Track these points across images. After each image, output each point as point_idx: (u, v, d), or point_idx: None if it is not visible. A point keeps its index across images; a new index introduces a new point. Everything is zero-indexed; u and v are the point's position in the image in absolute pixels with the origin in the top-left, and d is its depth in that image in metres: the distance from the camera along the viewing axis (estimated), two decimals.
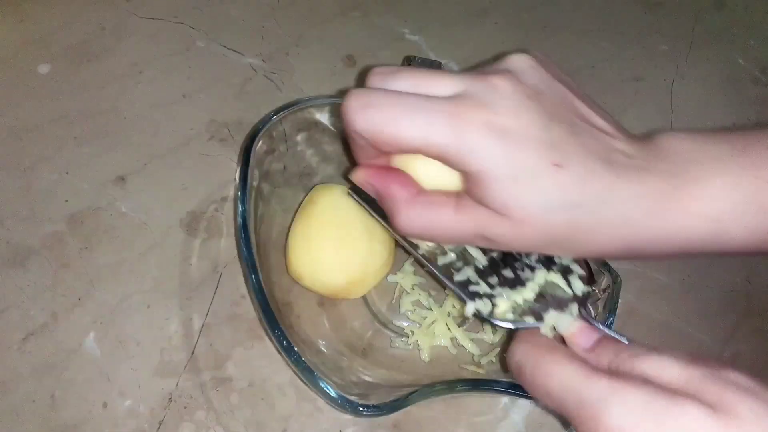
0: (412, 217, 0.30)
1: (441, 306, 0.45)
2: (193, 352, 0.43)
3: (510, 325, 0.30)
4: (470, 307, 0.31)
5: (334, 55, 0.58)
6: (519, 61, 0.29)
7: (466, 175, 0.28)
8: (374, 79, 0.30)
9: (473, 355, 0.43)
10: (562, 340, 0.29)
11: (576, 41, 0.62)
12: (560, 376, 0.25)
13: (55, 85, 0.52)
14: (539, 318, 0.30)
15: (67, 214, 0.47)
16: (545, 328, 0.30)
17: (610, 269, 0.38)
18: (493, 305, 0.30)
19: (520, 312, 0.30)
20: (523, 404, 0.43)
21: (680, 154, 0.28)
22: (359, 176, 0.32)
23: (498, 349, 0.43)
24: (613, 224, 0.27)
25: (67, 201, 0.47)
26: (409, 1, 0.63)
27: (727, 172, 0.27)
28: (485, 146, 0.26)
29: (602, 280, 0.38)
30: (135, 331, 0.43)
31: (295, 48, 0.58)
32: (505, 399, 0.44)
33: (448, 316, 0.44)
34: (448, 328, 0.44)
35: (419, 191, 0.30)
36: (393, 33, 0.60)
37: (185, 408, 0.41)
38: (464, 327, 0.44)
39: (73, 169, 0.49)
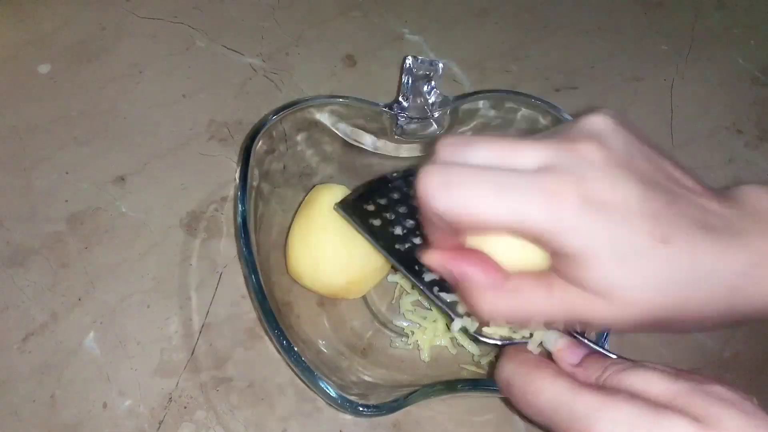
0: (500, 304, 0.27)
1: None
2: (193, 352, 0.43)
3: (497, 342, 0.30)
4: (456, 324, 0.31)
5: (334, 55, 0.58)
6: (601, 124, 0.27)
7: (561, 256, 0.26)
8: (447, 151, 0.27)
9: (473, 355, 0.43)
10: (549, 356, 0.29)
11: (576, 41, 0.62)
12: (549, 393, 0.25)
13: (55, 85, 0.52)
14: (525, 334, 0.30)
15: (67, 214, 0.47)
16: (532, 345, 0.29)
17: None
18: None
19: (506, 328, 0.30)
20: None
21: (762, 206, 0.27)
22: (434, 260, 0.29)
23: (498, 350, 0.43)
24: (723, 296, 0.26)
25: (67, 201, 0.47)
26: (409, 1, 0.63)
27: None
28: (585, 224, 0.24)
29: None
30: (135, 331, 0.43)
31: (295, 48, 0.58)
32: (505, 399, 0.44)
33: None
34: (448, 328, 0.44)
35: (504, 275, 0.27)
36: (393, 33, 0.60)
37: (185, 408, 0.41)
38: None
39: (73, 169, 0.49)
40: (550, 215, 0.24)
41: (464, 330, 0.31)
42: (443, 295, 0.32)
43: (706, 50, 0.63)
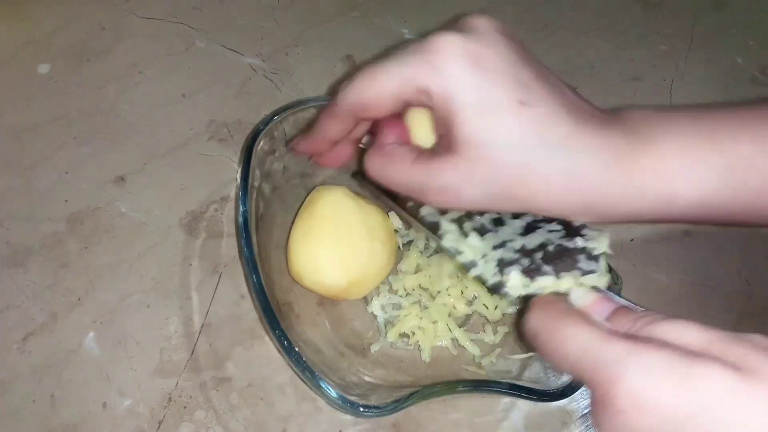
0: (374, 162, 0.32)
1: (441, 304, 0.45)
2: (192, 352, 0.43)
3: (525, 292, 0.30)
4: (474, 271, 0.31)
5: (334, 55, 0.58)
6: (489, 19, 0.31)
7: (437, 111, 0.28)
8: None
9: (474, 355, 0.43)
10: None
11: (576, 41, 0.62)
12: (577, 340, 0.24)
13: (55, 85, 0.52)
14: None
15: (67, 214, 0.47)
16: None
17: (611, 270, 0.38)
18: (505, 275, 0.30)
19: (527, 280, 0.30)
20: (524, 405, 0.43)
21: (640, 119, 0.29)
22: (378, 129, 0.33)
23: (499, 350, 0.43)
24: (570, 175, 0.27)
25: (66, 201, 0.47)
26: (408, 1, 0.63)
27: (681, 134, 0.28)
28: (459, 71, 0.27)
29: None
30: (135, 331, 0.43)
31: (295, 48, 0.58)
32: (505, 400, 0.44)
33: (449, 316, 0.44)
34: (449, 329, 0.44)
35: (396, 142, 0.32)
36: (392, 33, 0.60)
37: (185, 408, 0.41)
38: (465, 327, 0.44)
39: (73, 169, 0.49)
40: (432, 67, 0.28)
41: (483, 282, 0.31)
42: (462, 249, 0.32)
43: (706, 50, 0.63)
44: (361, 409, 0.34)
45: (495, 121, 0.27)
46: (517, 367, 0.41)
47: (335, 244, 0.41)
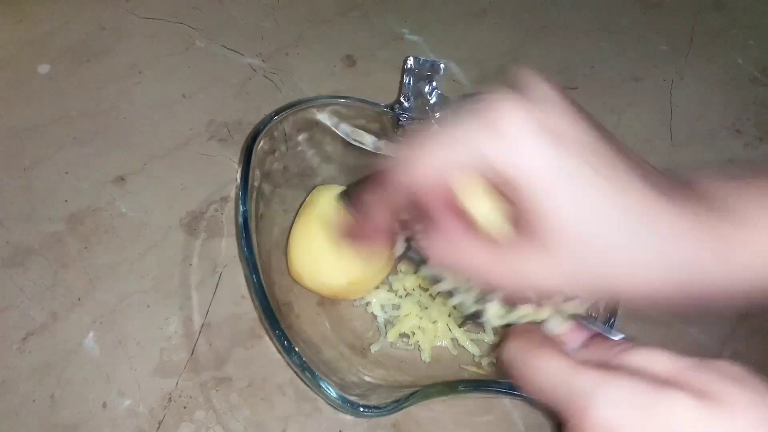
0: (440, 248, 0.28)
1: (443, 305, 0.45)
2: (192, 352, 0.43)
3: (502, 322, 0.30)
4: (455, 300, 0.30)
5: (334, 55, 0.58)
6: (550, 81, 0.26)
7: (513, 191, 0.25)
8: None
9: (474, 355, 0.43)
10: None
11: (576, 41, 0.62)
12: (549, 370, 0.25)
13: (55, 85, 0.52)
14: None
15: (67, 214, 0.47)
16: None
17: None
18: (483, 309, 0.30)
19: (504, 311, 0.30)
20: (524, 405, 0.43)
21: (718, 191, 0.26)
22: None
23: (496, 352, 0.43)
24: (672, 260, 0.25)
25: (67, 201, 0.47)
26: (408, 1, 0.63)
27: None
28: (537, 147, 0.24)
29: None
30: (135, 331, 0.43)
31: (295, 48, 0.58)
32: (505, 400, 0.44)
33: (449, 316, 0.44)
34: (449, 329, 0.44)
35: (461, 226, 0.27)
36: (393, 33, 0.60)
37: (185, 408, 0.41)
38: (465, 328, 0.44)
39: (73, 169, 0.49)
40: (500, 142, 0.24)
41: (464, 310, 0.30)
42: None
43: (706, 50, 0.63)
44: (361, 409, 0.34)
45: (590, 205, 0.24)
46: None
47: (335, 244, 0.41)
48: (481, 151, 0.24)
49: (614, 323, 0.37)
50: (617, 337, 0.27)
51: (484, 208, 0.28)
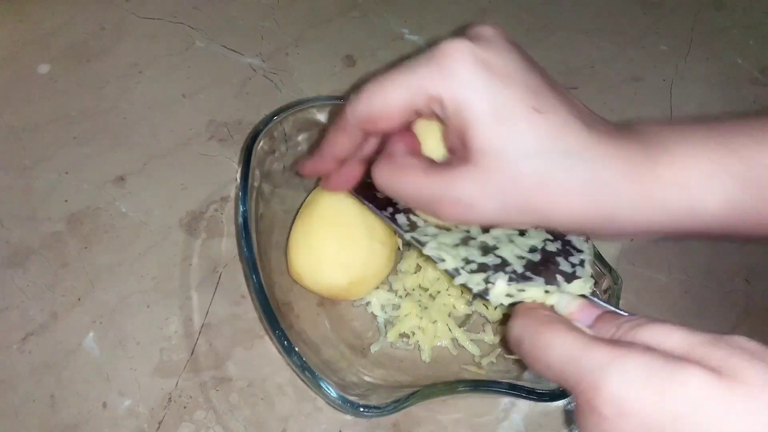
0: (384, 172, 0.31)
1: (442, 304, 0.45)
2: (192, 352, 0.43)
3: (510, 300, 0.30)
4: (459, 280, 0.31)
5: (334, 55, 0.58)
6: (495, 27, 0.30)
7: (450, 120, 0.28)
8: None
9: (474, 355, 0.43)
10: None
11: (576, 41, 0.62)
12: (559, 347, 0.24)
13: (55, 85, 0.52)
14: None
15: (67, 214, 0.47)
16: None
17: (611, 270, 0.38)
18: (490, 283, 0.30)
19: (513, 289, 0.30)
20: (523, 405, 0.43)
21: (654, 131, 0.28)
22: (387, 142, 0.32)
23: (499, 350, 0.43)
24: (589, 185, 0.27)
25: (66, 201, 0.47)
26: (408, 1, 0.63)
27: (697, 144, 0.27)
28: (472, 78, 0.27)
29: (603, 281, 0.38)
30: (135, 331, 0.43)
31: (295, 48, 0.58)
32: (505, 400, 0.44)
33: (449, 316, 0.44)
34: (449, 329, 0.44)
35: (408, 152, 0.31)
36: (392, 33, 0.60)
37: (185, 408, 0.41)
38: (465, 327, 0.44)
39: (73, 169, 0.49)
40: (444, 74, 0.27)
41: (470, 289, 0.30)
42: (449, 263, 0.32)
43: (706, 50, 0.63)
44: (361, 409, 0.34)
45: (511, 129, 0.26)
46: (517, 367, 0.41)
47: (335, 243, 0.41)
48: (425, 84, 0.27)
49: (618, 304, 0.36)
50: (626, 315, 0.27)
51: (429, 136, 0.31)
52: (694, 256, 0.51)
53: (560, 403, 0.43)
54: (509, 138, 0.26)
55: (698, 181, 0.27)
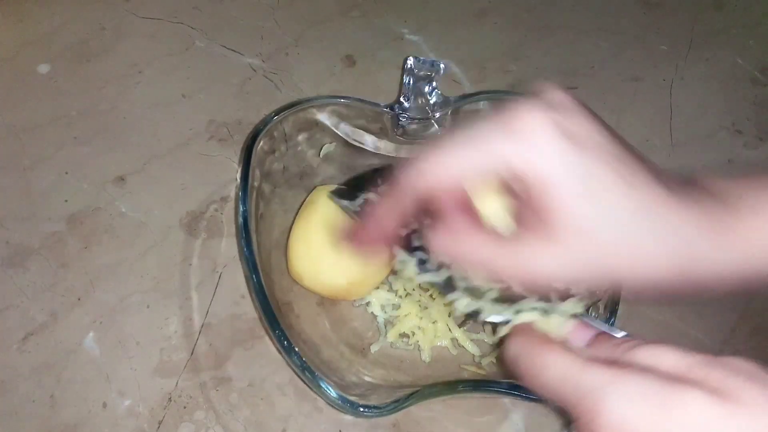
0: (448, 241, 0.28)
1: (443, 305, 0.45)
2: (192, 352, 0.43)
3: (502, 319, 0.30)
4: (460, 304, 0.30)
5: (334, 55, 0.58)
6: (567, 92, 0.27)
7: (530, 189, 0.25)
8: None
9: (474, 355, 0.43)
10: None
11: (575, 41, 0.62)
12: (556, 367, 0.24)
13: (54, 85, 0.52)
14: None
15: (67, 214, 0.47)
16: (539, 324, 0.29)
17: None
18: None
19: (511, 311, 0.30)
20: (524, 405, 0.43)
21: (723, 188, 0.27)
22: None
23: (499, 350, 0.43)
24: (676, 249, 0.26)
25: (66, 201, 0.47)
26: (408, 1, 0.63)
27: None
28: (556, 151, 0.24)
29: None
30: (135, 331, 0.43)
31: (295, 48, 0.58)
32: (505, 400, 0.44)
33: (449, 316, 0.44)
34: (449, 329, 0.44)
35: (469, 221, 0.28)
36: (392, 33, 0.60)
37: (185, 408, 0.41)
38: (465, 328, 0.44)
39: (72, 169, 0.49)
40: (525, 145, 0.25)
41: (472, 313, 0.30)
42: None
43: (706, 50, 0.63)
44: (361, 409, 0.34)
45: (601, 203, 0.25)
46: None
47: (335, 244, 0.41)
48: (501, 153, 0.25)
49: (614, 323, 0.37)
50: (621, 335, 0.27)
51: (492, 207, 0.29)
52: None
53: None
54: (600, 214, 0.25)
55: None
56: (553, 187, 0.25)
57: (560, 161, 0.25)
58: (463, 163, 0.26)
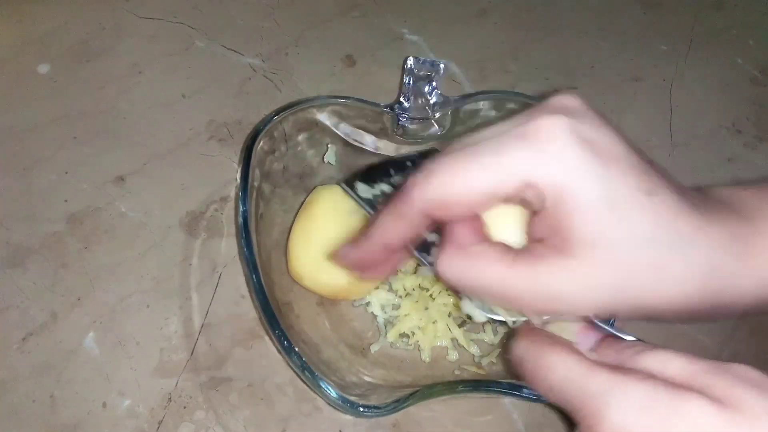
0: (455, 263, 0.26)
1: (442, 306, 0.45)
2: (192, 352, 0.43)
3: (508, 319, 0.30)
4: (465, 305, 0.30)
5: (334, 55, 0.58)
6: (581, 98, 0.26)
7: (541, 207, 0.24)
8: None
9: (474, 355, 0.43)
10: None
11: (576, 41, 0.62)
12: (561, 369, 0.24)
13: (54, 85, 0.52)
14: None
15: (67, 214, 0.47)
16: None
17: None
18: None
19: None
20: (524, 405, 0.43)
21: (741, 200, 0.27)
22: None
23: (499, 350, 0.43)
24: (703, 270, 0.24)
25: (66, 201, 0.47)
26: (408, 1, 0.63)
27: None
28: (579, 162, 0.23)
29: None
30: (135, 331, 0.43)
31: (295, 48, 0.58)
32: (505, 400, 0.44)
33: (449, 316, 0.44)
34: (449, 329, 0.44)
35: (479, 240, 0.26)
36: (392, 33, 0.60)
37: (185, 408, 0.41)
38: (465, 328, 0.44)
39: (72, 169, 0.49)
40: (544, 157, 0.23)
41: (472, 308, 0.30)
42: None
43: (706, 50, 0.63)
44: (361, 409, 0.34)
45: (625, 216, 0.23)
46: None
47: (335, 244, 0.41)
48: (521, 166, 0.24)
49: (614, 324, 0.36)
50: (629, 338, 0.27)
51: (504, 221, 0.27)
52: None
53: None
54: (624, 227, 0.23)
55: None
56: (574, 200, 0.23)
57: (583, 173, 0.23)
58: (479, 178, 0.24)
